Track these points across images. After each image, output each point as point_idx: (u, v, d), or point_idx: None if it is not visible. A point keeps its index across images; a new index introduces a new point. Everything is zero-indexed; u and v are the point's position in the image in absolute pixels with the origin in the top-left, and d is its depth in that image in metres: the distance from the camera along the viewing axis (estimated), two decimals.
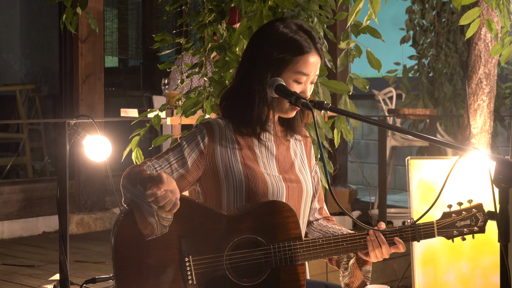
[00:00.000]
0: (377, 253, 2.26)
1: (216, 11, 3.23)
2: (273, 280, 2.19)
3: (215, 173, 2.28)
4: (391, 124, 2.27)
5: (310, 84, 2.32)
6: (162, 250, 2.14)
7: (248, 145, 2.32)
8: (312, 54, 2.28)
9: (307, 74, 2.28)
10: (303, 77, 2.28)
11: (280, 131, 2.40)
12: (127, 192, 2.16)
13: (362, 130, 9.22)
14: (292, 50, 2.27)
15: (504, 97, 6.79)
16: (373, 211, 6.22)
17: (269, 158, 2.34)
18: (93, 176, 5.85)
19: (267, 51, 2.28)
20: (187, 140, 2.29)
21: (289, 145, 2.41)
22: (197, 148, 2.27)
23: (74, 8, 3.39)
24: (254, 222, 2.19)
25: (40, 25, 8.42)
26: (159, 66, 3.34)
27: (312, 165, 2.47)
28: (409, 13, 6.97)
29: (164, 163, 2.25)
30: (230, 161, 2.28)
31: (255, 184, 2.25)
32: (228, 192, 2.26)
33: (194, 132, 2.30)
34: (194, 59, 4.99)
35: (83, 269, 4.46)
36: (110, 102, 7.94)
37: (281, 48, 2.27)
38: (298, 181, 2.35)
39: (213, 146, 2.28)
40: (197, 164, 2.27)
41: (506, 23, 3.19)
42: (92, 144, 3.73)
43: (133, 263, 2.13)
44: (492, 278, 3.86)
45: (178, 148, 2.28)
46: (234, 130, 2.32)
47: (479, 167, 3.81)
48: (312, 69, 2.28)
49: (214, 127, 2.29)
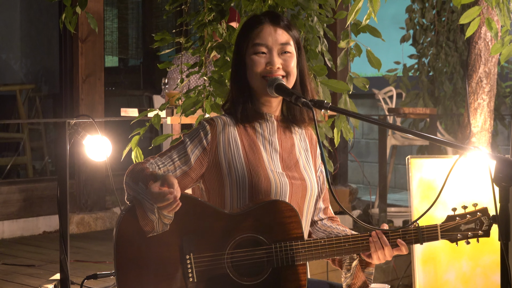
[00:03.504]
0: (380, 255, 2.25)
1: (216, 10, 3.22)
2: (274, 279, 2.18)
3: (218, 170, 2.28)
4: (391, 123, 2.27)
5: (283, 54, 2.30)
6: (163, 247, 2.14)
7: (252, 141, 2.32)
8: (267, 25, 2.31)
9: (262, 44, 2.29)
10: (261, 47, 2.29)
11: (283, 127, 2.38)
12: (130, 189, 2.17)
13: (362, 129, 9.22)
14: (248, 27, 2.32)
15: (504, 96, 6.79)
16: (373, 210, 6.21)
17: (273, 154, 2.33)
18: (93, 176, 5.85)
19: (235, 42, 2.36)
20: (190, 137, 2.29)
21: (294, 142, 2.39)
22: (200, 145, 2.27)
23: (73, 7, 3.38)
24: (256, 221, 2.19)
25: (40, 24, 8.42)
26: (159, 66, 3.34)
27: (317, 164, 2.46)
28: (409, 12, 6.97)
29: (167, 160, 2.25)
30: (233, 157, 2.28)
31: (258, 180, 2.25)
32: (231, 188, 2.26)
33: (197, 129, 2.31)
34: (190, 59, 4.98)
35: (83, 269, 4.46)
36: (110, 102, 7.94)
37: (241, 31, 2.34)
38: (303, 179, 2.34)
39: (216, 142, 2.28)
40: (200, 161, 2.27)
41: (506, 22, 3.19)
42: (92, 144, 3.73)
43: (134, 259, 2.14)
44: (493, 277, 3.86)
45: (181, 145, 2.28)
46: (237, 126, 2.32)
47: (480, 166, 3.81)
48: (269, 38, 2.29)
49: (217, 124, 2.30)
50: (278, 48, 2.30)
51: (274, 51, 2.29)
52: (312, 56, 3.14)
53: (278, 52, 2.29)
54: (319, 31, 3.22)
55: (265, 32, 2.30)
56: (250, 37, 2.30)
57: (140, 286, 2.14)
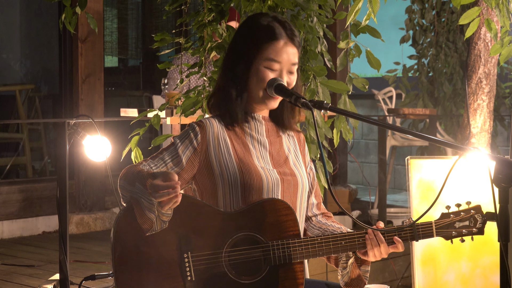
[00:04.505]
0: (376, 252, 2.27)
1: (215, 10, 3.23)
2: (272, 277, 2.20)
3: (209, 170, 2.28)
4: (391, 124, 2.27)
5: (289, 74, 2.31)
6: (161, 246, 2.15)
7: (241, 140, 2.33)
8: (283, 41, 2.29)
9: (278, 61, 2.28)
10: (275, 64, 2.28)
11: (271, 126, 2.41)
12: (126, 192, 2.17)
13: (361, 129, 9.22)
14: (262, 36, 2.29)
15: (503, 97, 6.79)
16: (373, 210, 6.22)
17: (263, 152, 2.35)
18: (93, 176, 5.84)
19: (239, 42, 2.33)
20: (180, 139, 2.30)
21: (282, 140, 2.42)
22: (191, 145, 2.28)
23: (73, 7, 3.38)
24: (253, 219, 2.20)
25: (39, 25, 8.42)
26: (159, 66, 3.34)
27: (306, 161, 2.48)
28: (408, 12, 6.97)
29: (159, 162, 2.26)
30: (224, 157, 2.29)
31: (250, 178, 2.26)
32: (223, 188, 2.27)
33: (187, 130, 2.32)
34: (190, 59, 4.98)
35: (83, 269, 4.46)
36: (110, 102, 7.94)
37: (252, 35, 2.31)
38: (293, 175, 2.35)
39: (206, 143, 2.29)
40: (192, 162, 2.28)
41: (506, 23, 3.19)
42: (92, 144, 3.72)
43: (131, 259, 2.14)
44: (492, 277, 3.86)
45: (172, 147, 2.30)
46: (226, 127, 2.33)
47: (479, 166, 3.81)
48: (284, 56, 2.29)
49: (206, 125, 2.31)
50: (288, 68, 2.31)
51: (284, 70, 2.30)
52: (311, 56, 3.14)
53: (287, 71, 2.31)
54: (319, 31, 3.22)
55: (282, 49, 2.29)
56: (263, 48, 2.28)
57: (138, 286, 2.14)
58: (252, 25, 2.34)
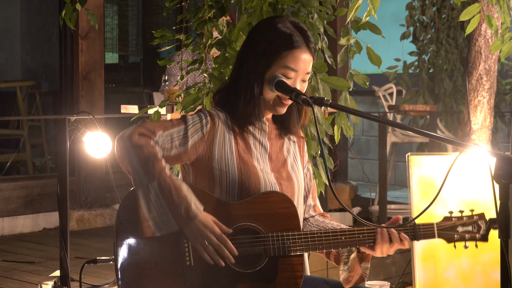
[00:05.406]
0: (384, 248, 2.28)
1: (216, 7, 3.22)
2: (271, 268, 2.21)
3: (209, 161, 2.28)
4: (391, 120, 2.27)
5: (302, 82, 2.32)
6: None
7: (244, 139, 2.34)
8: (302, 50, 2.28)
9: (295, 70, 2.28)
10: (291, 72, 2.28)
11: (274, 129, 2.41)
12: (135, 173, 2.15)
13: (362, 126, 9.22)
14: (282, 43, 2.28)
15: (504, 93, 6.79)
16: (373, 207, 6.22)
17: (263, 154, 2.35)
18: (93, 173, 5.85)
19: (258, 44, 2.31)
20: (193, 120, 2.28)
21: (283, 144, 2.42)
22: (200, 131, 2.27)
23: (73, 4, 3.38)
24: (254, 210, 2.22)
25: (40, 21, 8.42)
26: (159, 63, 3.34)
27: (304, 162, 2.49)
28: (409, 9, 6.96)
29: (167, 139, 2.24)
30: (226, 152, 2.29)
31: (248, 178, 2.27)
32: (220, 183, 2.27)
33: (199, 114, 2.30)
34: (190, 56, 4.98)
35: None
36: (110, 99, 7.94)
37: (272, 41, 2.29)
38: (290, 179, 2.37)
39: (213, 134, 2.29)
40: (196, 147, 2.27)
41: (506, 19, 3.19)
42: (92, 141, 3.73)
43: (132, 243, 2.18)
44: (492, 274, 3.86)
45: (182, 125, 2.27)
46: (232, 123, 2.33)
47: (480, 163, 3.81)
48: (301, 65, 2.28)
49: (215, 117, 2.31)
50: (302, 76, 2.31)
51: (298, 78, 2.30)
52: None
53: (301, 79, 2.31)
54: (319, 28, 3.21)
55: (299, 58, 2.28)
56: (281, 55, 2.27)
57: (138, 270, 2.17)
58: (273, 28, 2.31)
